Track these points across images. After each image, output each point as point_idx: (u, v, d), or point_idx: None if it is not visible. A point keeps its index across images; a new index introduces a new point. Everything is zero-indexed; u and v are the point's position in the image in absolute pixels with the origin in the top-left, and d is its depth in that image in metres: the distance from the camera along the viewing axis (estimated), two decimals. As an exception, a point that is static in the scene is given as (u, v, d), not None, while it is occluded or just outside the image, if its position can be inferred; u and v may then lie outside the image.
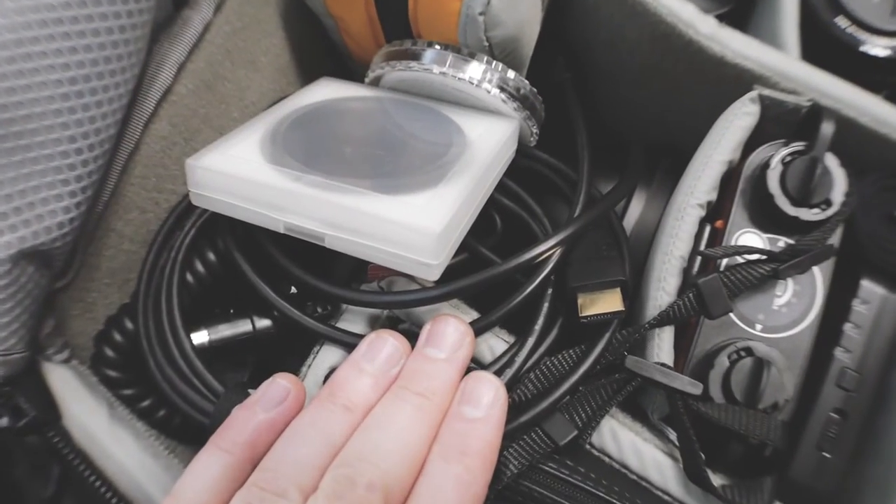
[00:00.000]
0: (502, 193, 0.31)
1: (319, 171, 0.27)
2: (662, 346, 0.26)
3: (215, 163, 0.27)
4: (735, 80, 0.28)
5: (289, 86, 0.32)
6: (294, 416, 0.21)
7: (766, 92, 0.28)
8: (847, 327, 0.28)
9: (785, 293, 0.28)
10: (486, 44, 0.29)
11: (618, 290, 0.26)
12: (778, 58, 0.28)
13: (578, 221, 0.27)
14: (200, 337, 0.27)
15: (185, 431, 0.28)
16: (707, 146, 0.28)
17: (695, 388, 0.24)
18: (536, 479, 0.23)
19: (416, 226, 0.25)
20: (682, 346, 0.28)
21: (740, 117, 0.28)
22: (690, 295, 0.26)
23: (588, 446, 0.25)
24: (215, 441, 0.21)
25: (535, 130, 0.33)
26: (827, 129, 0.28)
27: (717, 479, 0.26)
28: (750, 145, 0.29)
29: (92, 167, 0.24)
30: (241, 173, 0.27)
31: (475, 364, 0.27)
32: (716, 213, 0.29)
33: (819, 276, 0.28)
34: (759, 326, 0.27)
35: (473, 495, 0.19)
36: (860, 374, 0.28)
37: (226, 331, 0.27)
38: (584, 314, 0.26)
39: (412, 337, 0.28)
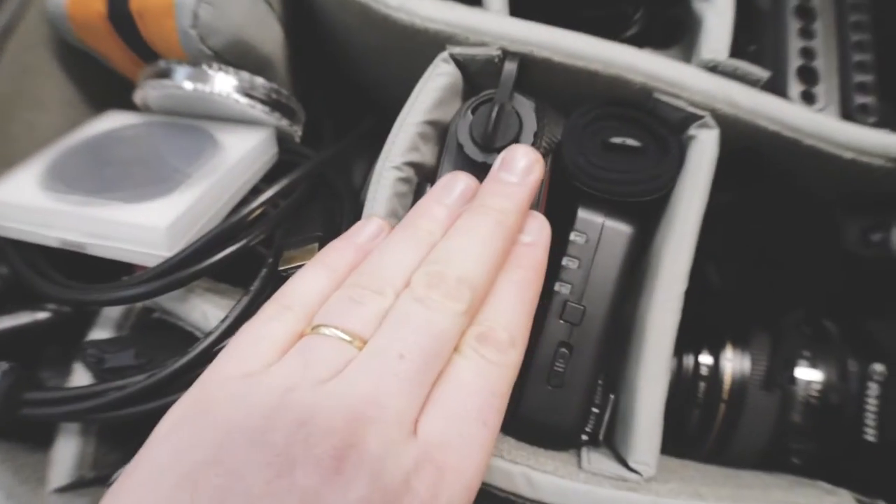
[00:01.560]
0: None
1: (82, 192, 0.32)
2: None
3: (-3, 189, 0.32)
4: (432, 44, 0.30)
5: (81, 118, 0.37)
6: None
7: (457, 50, 0.30)
8: (565, 261, 0.29)
9: (497, 237, 0.29)
10: (209, 52, 0.33)
11: (315, 244, 0.29)
12: (463, 14, 0.30)
13: (280, 183, 0.30)
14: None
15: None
16: (403, 111, 0.30)
17: None
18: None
19: (147, 224, 0.30)
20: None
21: (434, 79, 0.30)
22: None
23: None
24: (320, 260, 0.23)
25: (296, 129, 0.36)
26: (507, 70, 0.29)
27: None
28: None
29: None
30: (16, 201, 0.32)
31: (198, 330, 0.30)
32: (436, 172, 0.31)
33: (530, 216, 0.29)
34: (473, 273, 0.29)
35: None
36: (583, 307, 0.29)
37: (9, 321, 0.32)
38: (281, 267, 0.29)
39: (168, 327, 0.32)
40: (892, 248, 0.31)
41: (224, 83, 0.34)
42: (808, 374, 0.31)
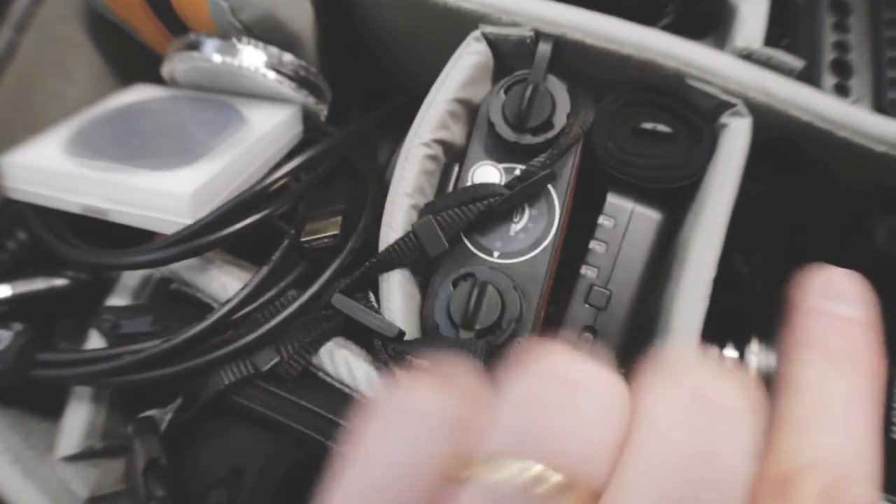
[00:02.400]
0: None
1: (107, 159, 0.32)
2: (391, 287, 0.28)
3: (20, 158, 0.33)
4: (463, 24, 0.31)
5: (107, 90, 0.37)
6: None
7: (489, 29, 0.30)
8: (592, 244, 0.29)
9: (521, 219, 0.29)
10: (239, 26, 0.33)
11: (339, 217, 0.29)
12: (496, -6, 0.30)
13: (303, 156, 0.30)
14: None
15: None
16: (433, 88, 0.30)
17: (390, 330, 0.27)
18: (248, 393, 0.27)
19: (171, 192, 0.30)
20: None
21: (465, 57, 0.30)
22: (408, 236, 0.28)
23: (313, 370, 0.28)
24: None
25: (322, 108, 0.36)
26: (542, 50, 0.29)
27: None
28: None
29: None
30: (39, 164, 0.32)
31: (215, 301, 0.30)
32: (465, 152, 0.31)
33: (556, 198, 0.29)
34: (496, 254, 0.29)
35: None
36: (609, 291, 0.29)
37: (25, 286, 0.32)
38: (304, 238, 0.29)
39: (186, 300, 0.32)
40: (923, 248, 0.31)
41: (253, 57, 0.34)
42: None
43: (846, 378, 0.14)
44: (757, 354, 0.31)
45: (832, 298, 0.16)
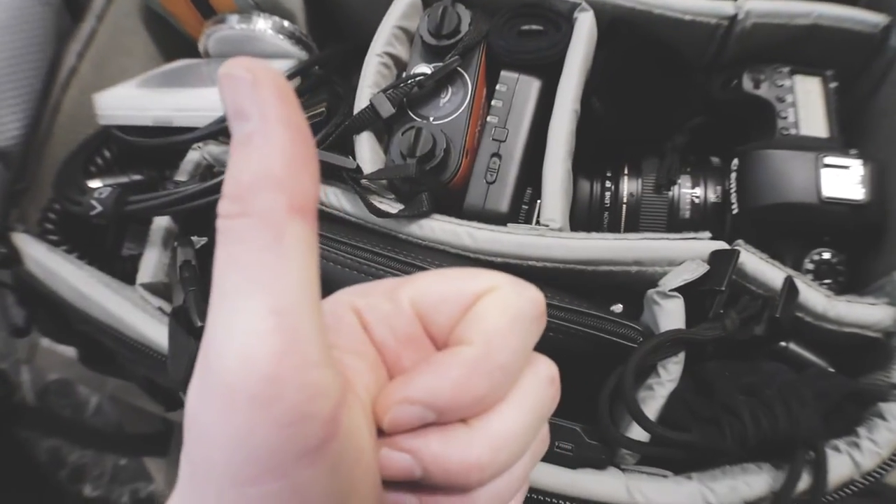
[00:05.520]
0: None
1: (167, 86, 0.51)
2: (361, 142, 0.45)
3: (107, 92, 0.51)
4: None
5: (158, 64, 0.56)
6: None
7: (417, -21, 0.49)
8: (493, 101, 0.46)
9: (447, 95, 0.46)
10: (253, 3, 0.52)
11: (325, 103, 0.46)
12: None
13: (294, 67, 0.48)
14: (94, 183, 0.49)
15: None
16: (382, 21, 0.48)
17: (350, 163, 0.43)
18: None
19: (209, 95, 0.48)
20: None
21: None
22: (367, 106, 0.45)
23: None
24: None
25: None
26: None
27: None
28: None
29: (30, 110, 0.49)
30: (121, 93, 0.51)
31: None
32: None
33: (469, 79, 0.46)
34: (431, 118, 0.46)
35: None
36: (506, 129, 0.45)
37: (113, 180, 0.49)
38: None
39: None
40: (743, 90, 0.48)
41: (262, 24, 0.53)
42: (690, 182, 0.46)
43: None
44: (628, 175, 0.47)
45: None
